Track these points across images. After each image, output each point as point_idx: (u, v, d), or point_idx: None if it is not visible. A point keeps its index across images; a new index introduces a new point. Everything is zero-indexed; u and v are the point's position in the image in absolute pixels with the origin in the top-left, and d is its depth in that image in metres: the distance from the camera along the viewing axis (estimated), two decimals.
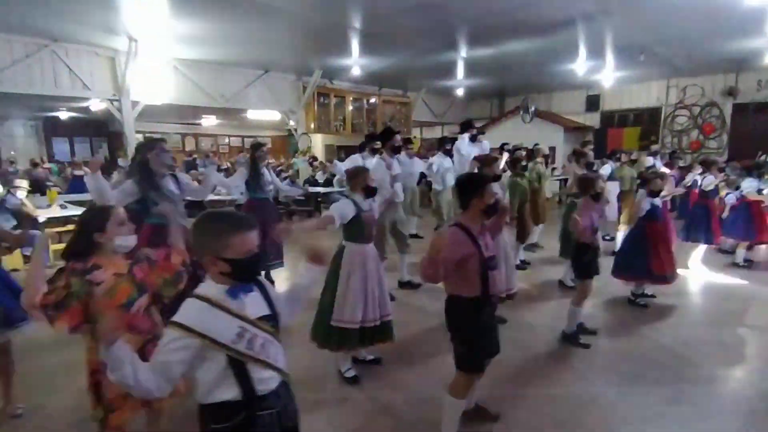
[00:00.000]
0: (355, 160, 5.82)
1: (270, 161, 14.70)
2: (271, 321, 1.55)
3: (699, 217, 5.65)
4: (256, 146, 5.38)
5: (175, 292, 2.06)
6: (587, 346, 3.71)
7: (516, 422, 2.77)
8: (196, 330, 1.37)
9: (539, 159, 6.89)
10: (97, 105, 9.20)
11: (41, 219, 5.90)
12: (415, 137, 19.16)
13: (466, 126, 5.37)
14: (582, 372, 3.36)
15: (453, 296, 2.39)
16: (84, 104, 9.35)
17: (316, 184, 10.72)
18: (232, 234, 1.44)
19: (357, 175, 3.11)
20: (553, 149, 13.55)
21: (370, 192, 3.09)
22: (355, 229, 3.05)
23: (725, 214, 6.04)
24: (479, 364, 2.41)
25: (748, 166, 6.02)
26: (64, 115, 11.66)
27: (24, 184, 6.41)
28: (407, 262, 5.45)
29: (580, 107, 15.32)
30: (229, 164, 13.59)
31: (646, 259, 4.44)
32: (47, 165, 10.67)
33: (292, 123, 12.15)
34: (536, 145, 7.78)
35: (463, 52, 9.49)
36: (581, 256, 3.70)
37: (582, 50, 9.18)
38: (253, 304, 1.51)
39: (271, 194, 5.54)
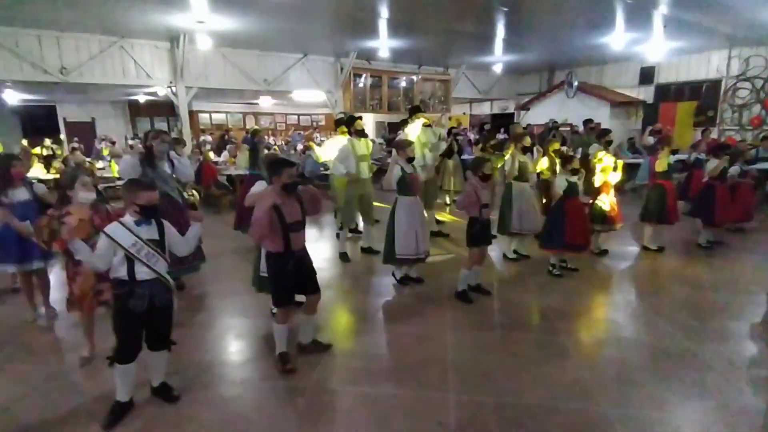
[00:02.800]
0: (334, 144, 6.65)
1: (322, 138, 16.02)
2: (157, 244, 2.68)
3: (655, 198, 5.74)
4: (254, 133, 6.53)
5: None
6: (471, 301, 4.34)
7: (351, 350, 3.54)
8: (111, 236, 2.58)
9: None
10: (162, 90, 10.94)
11: (100, 186, 7.71)
12: (464, 114, 19.38)
13: (414, 111, 5.89)
14: (447, 320, 4.01)
15: (267, 252, 3.16)
16: (152, 90, 11.18)
17: None
18: (141, 191, 2.63)
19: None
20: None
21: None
22: None
23: None
24: (284, 301, 3.19)
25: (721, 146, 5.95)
26: (142, 98, 13.85)
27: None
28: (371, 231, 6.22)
29: (633, 80, 14.48)
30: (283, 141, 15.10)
31: (564, 232, 4.88)
32: (131, 142, 12.81)
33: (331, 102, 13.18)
34: (510, 124, 7.91)
35: (503, 27, 9.51)
36: (470, 228, 4.30)
37: (623, 21, 8.80)
38: (148, 232, 2.67)
39: None
